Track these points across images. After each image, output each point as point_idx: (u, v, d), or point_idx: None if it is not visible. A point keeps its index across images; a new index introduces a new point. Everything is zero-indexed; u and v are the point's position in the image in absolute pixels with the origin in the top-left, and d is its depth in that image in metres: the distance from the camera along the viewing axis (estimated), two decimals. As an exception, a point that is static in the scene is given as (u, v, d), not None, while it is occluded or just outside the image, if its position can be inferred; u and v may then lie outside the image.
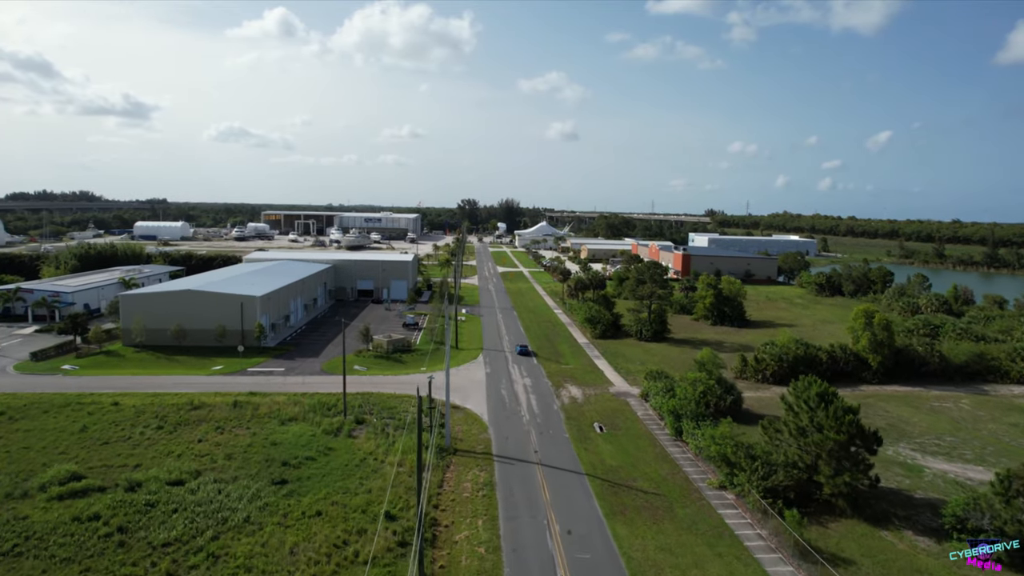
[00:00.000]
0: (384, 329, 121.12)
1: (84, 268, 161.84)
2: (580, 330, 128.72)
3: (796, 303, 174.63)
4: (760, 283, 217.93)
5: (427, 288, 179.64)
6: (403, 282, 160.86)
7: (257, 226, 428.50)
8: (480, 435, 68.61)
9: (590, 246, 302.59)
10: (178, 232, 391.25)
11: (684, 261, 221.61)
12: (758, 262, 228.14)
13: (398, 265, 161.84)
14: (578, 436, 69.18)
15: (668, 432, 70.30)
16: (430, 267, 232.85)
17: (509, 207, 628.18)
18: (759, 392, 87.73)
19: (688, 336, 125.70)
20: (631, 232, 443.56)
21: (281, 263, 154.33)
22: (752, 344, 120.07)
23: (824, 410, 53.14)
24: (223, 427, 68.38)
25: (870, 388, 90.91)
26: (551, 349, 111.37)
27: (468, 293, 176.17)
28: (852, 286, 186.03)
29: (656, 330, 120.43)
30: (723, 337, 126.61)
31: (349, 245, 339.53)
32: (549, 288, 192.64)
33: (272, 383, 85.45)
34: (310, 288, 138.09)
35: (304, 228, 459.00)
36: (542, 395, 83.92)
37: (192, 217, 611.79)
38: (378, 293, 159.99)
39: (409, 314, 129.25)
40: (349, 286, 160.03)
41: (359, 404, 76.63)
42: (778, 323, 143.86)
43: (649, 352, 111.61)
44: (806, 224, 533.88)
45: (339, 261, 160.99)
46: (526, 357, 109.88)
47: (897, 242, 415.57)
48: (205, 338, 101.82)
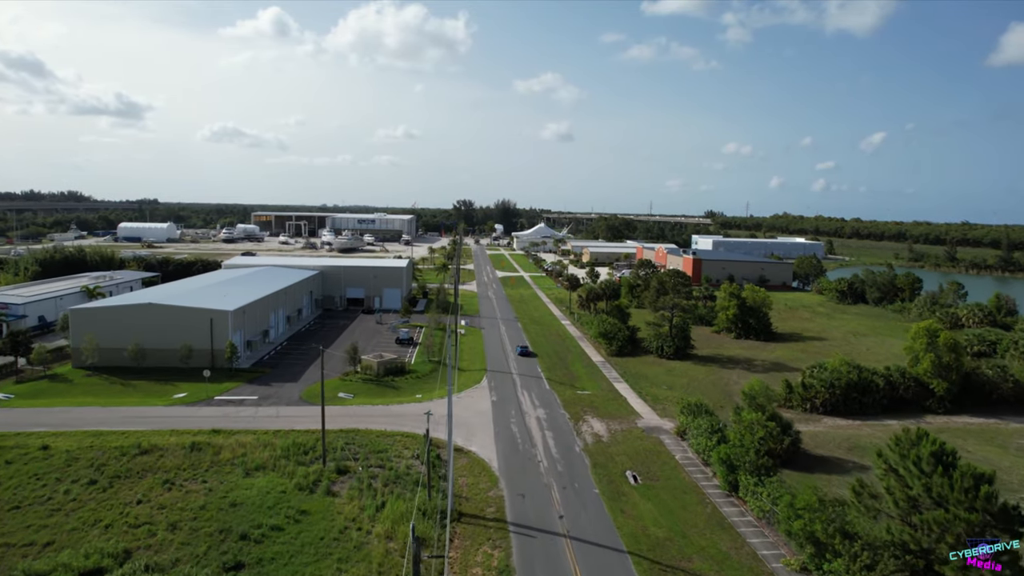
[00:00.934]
0: (374, 346, 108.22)
1: (47, 275, 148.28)
2: (593, 346, 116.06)
3: (819, 312, 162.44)
4: (775, 289, 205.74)
5: (423, 295, 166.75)
6: (396, 290, 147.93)
7: (246, 227, 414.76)
8: (489, 491, 55.82)
9: (592, 249, 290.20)
10: (164, 234, 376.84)
11: (694, 266, 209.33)
12: (772, 267, 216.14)
13: (391, 272, 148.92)
14: (610, 490, 56.48)
15: (719, 485, 57.68)
16: (425, 271, 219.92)
17: (506, 208, 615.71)
18: (810, 425, 75.24)
19: (712, 352, 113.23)
20: (632, 234, 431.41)
21: (263, 270, 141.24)
22: (784, 361, 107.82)
23: (944, 476, 40.61)
24: (173, 480, 55.43)
25: (937, 419, 78.51)
26: (564, 370, 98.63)
27: (467, 301, 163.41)
28: (877, 293, 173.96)
29: (679, 347, 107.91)
30: (751, 353, 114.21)
31: (341, 248, 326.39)
32: (553, 295, 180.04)
33: (241, 417, 72.46)
34: (294, 298, 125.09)
35: (295, 229, 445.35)
36: (560, 431, 71.23)
37: (182, 218, 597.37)
38: (369, 302, 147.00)
39: (403, 328, 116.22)
40: (338, 294, 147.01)
41: (342, 445, 63.85)
42: (806, 336, 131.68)
43: (673, 373, 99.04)
44: (809, 226, 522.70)
45: (327, 267, 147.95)
46: (527, 359, 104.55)
47: (905, 245, 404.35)
48: (168, 359, 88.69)
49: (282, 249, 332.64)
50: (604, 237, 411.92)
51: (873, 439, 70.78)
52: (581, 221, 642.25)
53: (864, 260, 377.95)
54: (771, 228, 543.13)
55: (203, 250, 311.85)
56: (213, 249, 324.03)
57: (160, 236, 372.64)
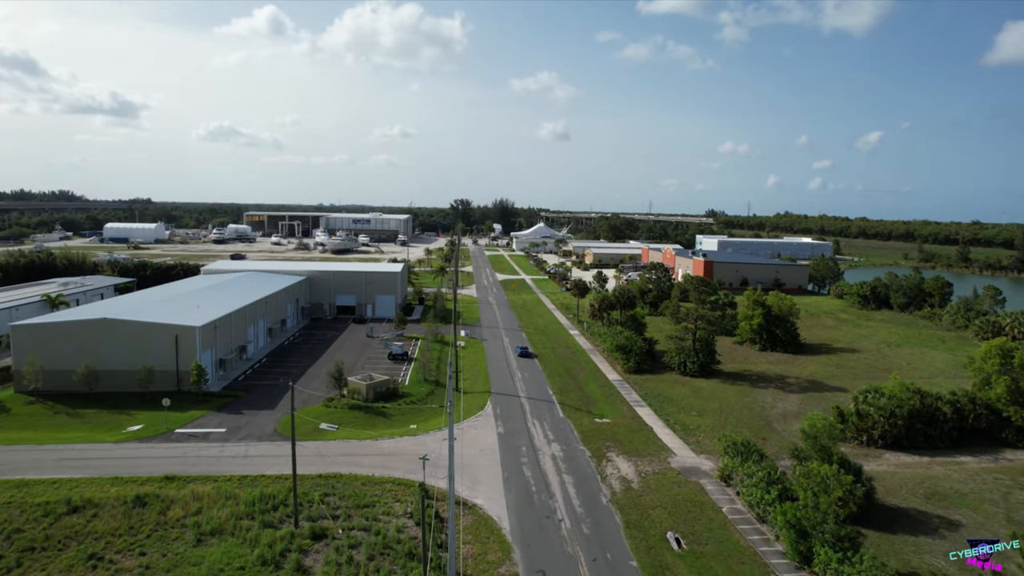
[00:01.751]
0: (364, 363, 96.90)
1: (8, 281, 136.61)
2: (607, 361, 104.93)
3: (844, 319, 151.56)
4: (791, 292, 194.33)
5: (419, 301, 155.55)
6: (390, 297, 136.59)
7: (238, 228, 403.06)
8: (501, 565, 44.60)
9: (595, 250, 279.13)
10: (152, 234, 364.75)
11: (706, 269, 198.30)
12: (788, 269, 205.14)
13: (385, 277, 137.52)
14: (650, 563, 45.35)
15: (785, 553, 46.56)
16: (422, 274, 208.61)
17: (504, 207, 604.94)
18: (871, 462, 64.19)
19: (739, 368, 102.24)
20: (634, 234, 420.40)
21: (245, 276, 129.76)
22: (820, 379, 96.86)
23: None
24: (103, 552, 44.17)
25: (1018, 456, 67.56)
26: (578, 392, 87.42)
27: (466, 308, 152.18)
28: (903, 298, 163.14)
29: (703, 362, 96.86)
30: (781, 368, 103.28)
31: (335, 249, 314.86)
32: (558, 300, 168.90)
33: (202, 457, 61.13)
34: (277, 307, 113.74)
35: (289, 230, 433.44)
36: (581, 475, 60.03)
37: (174, 218, 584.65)
38: (361, 310, 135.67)
39: (396, 341, 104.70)
40: (327, 302, 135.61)
41: (320, 496, 52.68)
42: (836, 347, 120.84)
43: (700, 394, 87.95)
44: (814, 225, 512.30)
45: (315, 273, 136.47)
46: (527, 359, 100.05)
47: (914, 245, 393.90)
48: (125, 383, 77.16)
49: (274, 251, 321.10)
50: (606, 237, 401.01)
51: (951, 482, 59.84)
52: (580, 220, 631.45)
53: (873, 261, 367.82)
54: (775, 228, 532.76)
55: (191, 252, 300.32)
56: (202, 251, 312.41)
57: (148, 237, 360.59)
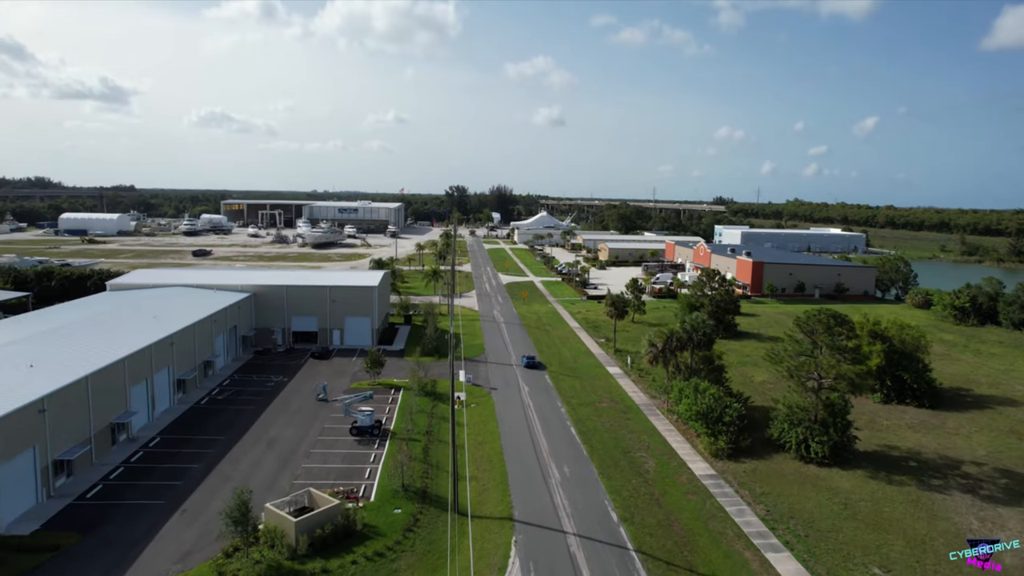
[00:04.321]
0: (316, 445, 62.32)
1: None
2: (679, 430, 70.57)
3: (948, 341, 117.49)
4: (855, 300, 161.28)
5: (404, 319, 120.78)
6: (364, 320, 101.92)
7: (213, 218, 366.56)
8: None
9: (611, 244, 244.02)
10: (114, 226, 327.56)
11: (754, 271, 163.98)
12: (851, 272, 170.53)
13: (357, 294, 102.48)
14: None
15: None
16: (411, 277, 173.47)
17: (501, 194, 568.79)
18: None
19: (876, 442, 68.22)
20: (646, 224, 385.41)
21: (164, 294, 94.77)
22: (1011, 466, 62.68)
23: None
24: None
25: None
26: (657, 511, 52.72)
27: (466, 327, 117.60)
28: (1019, 312, 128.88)
29: (835, 441, 62.58)
30: (934, 441, 69.37)
31: (315, 242, 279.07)
32: (580, 314, 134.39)
33: None
34: (197, 344, 79.01)
35: (270, 219, 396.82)
36: None
37: (152, 206, 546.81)
38: (325, 338, 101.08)
39: (364, 406, 69.43)
40: (280, 326, 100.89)
41: None
42: (979, 392, 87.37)
43: (850, 505, 53.86)
44: (835, 215, 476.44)
45: (264, 288, 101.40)
46: (534, 371, 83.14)
47: (950, 236, 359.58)
48: None
49: (248, 244, 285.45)
50: (615, 227, 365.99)
51: None
52: (583, 208, 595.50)
53: (910, 254, 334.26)
54: (793, 217, 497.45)
55: (153, 247, 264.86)
56: (167, 245, 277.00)
57: (109, 229, 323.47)
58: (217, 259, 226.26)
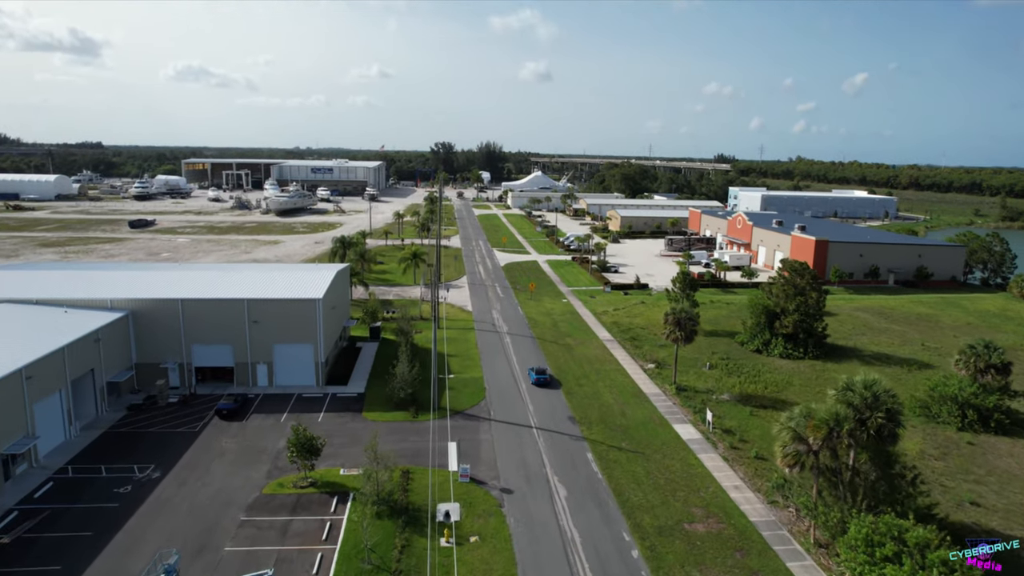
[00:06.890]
0: None
1: None
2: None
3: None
4: (940, 287, 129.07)
5: (371, 332, 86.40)
6: (305, 347, 67.47)
7: (169, 179, 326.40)
8: None
9: (622, 212, 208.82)
10: (51, 189, 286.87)
11: (817, 252, 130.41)
12: (934, 253, 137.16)
13: (291, 310, 67.53)
14: None
15: None
16: (387, 257, 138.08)
17: (490, 152, 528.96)
18: None
19: None
20: (652, 185, 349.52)
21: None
22: None
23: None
24: None
25: None
26: None
27: (458, 343, 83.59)
28: None
29: None
30: None
31: (280, 208, 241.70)
32: (607, 314, 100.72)
33: None
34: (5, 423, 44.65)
35: (236, 180, 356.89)
36: None
37: (114, 164, 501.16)
38: (246, 376, 66.76)
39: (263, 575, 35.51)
40: (177, 360, 66.30)
41: None
42: None
43: None
44: (852, 174, 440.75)
45: (146, 303, 66.10)
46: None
47: (997, 199, 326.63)
48: None
49: (205, 210, 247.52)
50: (619, 189, 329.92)
51: None
52: (578, 167, 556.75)
53: (944, 220, 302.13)
54: (805, 176, 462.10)
55: (92, 215, 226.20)
56: (112, 211, 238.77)
57: (45, 192, 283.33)
58: (157, 231, 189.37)
